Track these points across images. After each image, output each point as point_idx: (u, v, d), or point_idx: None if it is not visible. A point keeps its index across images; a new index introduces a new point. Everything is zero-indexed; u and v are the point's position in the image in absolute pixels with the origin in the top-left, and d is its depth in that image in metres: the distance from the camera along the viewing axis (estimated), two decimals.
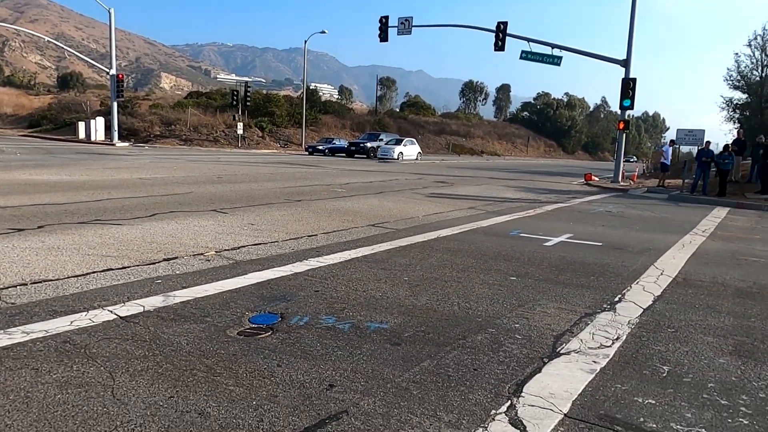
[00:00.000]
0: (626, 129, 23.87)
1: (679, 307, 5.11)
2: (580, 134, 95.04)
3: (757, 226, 11.55)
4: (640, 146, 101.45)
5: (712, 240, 9.20)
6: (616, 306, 5.03)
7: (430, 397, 3.09)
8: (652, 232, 9.74)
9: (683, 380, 3.50)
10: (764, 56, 36.61)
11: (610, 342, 4.10)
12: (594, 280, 5.95)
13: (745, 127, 32.45)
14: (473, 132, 77.38)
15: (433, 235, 8.18)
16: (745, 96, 39.71)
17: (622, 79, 22.95)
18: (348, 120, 62.36)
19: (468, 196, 14.63)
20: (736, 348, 4.12)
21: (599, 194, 18.38)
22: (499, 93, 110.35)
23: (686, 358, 3.87)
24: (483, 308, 4.75)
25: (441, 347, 3.82)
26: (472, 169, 31.26)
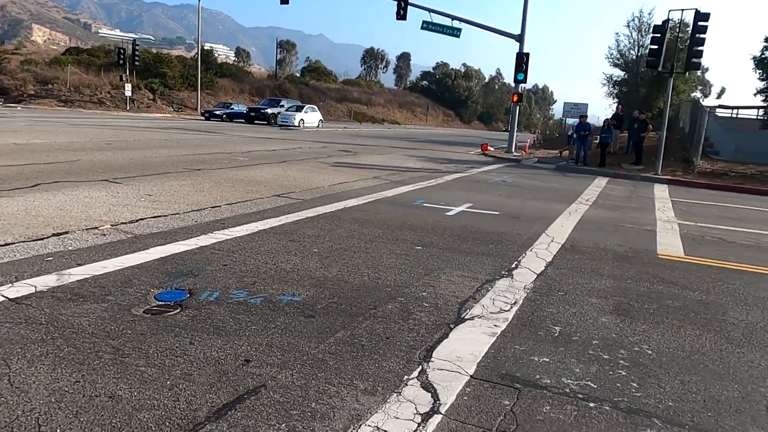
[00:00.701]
0: (520, 101, 25.05)
1: (567, 271, 5.59)
2: (477, 105, 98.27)
3: (632, 195, 12.74)
4: (531, 118, 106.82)
5: (595, 208, 10.04)
6: (513, 272, 5.40)
7: (346, 366, 3.20)
8: (543, 201, 10.45)
9: (572, 339, 3.87)
10: (640, 36, 39.65)
11: (508, 306, 4.42)
12: (493, 248, 6.32)
13: (623, 102, 35.18)
14: (375, 100, 77.56)
15: (339, 205, 8.24)
16: (624, 73, 42.96)
17: (517, 54, 23.94)
18: (247, 84, 60.05)
19: (372, 166, 14.79)
20: (615, 307, 4.61)
21: (495, 164, 19.29)
22: (400, 61, 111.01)
23: (574, 318, 4.28)
24: (392, 278, 4.92)
25: (354, 318, 3.93)
26: (375, 137, 31.49)
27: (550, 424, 2.78)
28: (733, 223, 9.61)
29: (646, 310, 4.59)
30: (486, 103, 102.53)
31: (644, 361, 3.61)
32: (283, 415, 2.65)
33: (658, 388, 3.25)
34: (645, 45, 34.14)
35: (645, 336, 4.03)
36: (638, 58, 37.97)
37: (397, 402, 2.87)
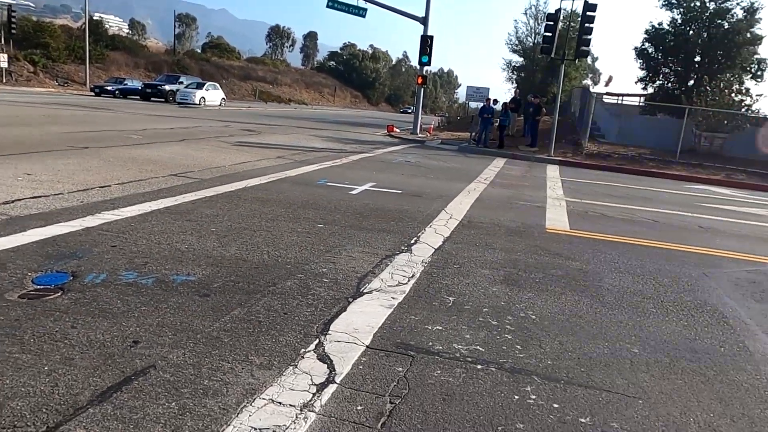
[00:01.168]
0: (425, 84, 25.52)
1: (463, 246, 5.84)
2: (384, 86, 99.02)
3: (527, 175, 13.47)
4: (437, 101, 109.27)
5: (492, 187, 10.52)
6: (413, 247, 5.56)
7: (242, 343, 3.17)
8: (445, 180, 10.79)
9: (464, 308, 4.07)
10: (537, 24, 41.66)
11: (406, 280, 4.56)
12: (394, 225, 6.46)
13: (521, 87, 36.90)
14: (281, 79, 75.88)
15: (241, 184, 8.04)
16: (522, 59, 45.02)
17: (421, 36, 24.31)
18: (142, 59, 56.54)
19: (276, 146, 14.52)
20: (505, 278, 4.88)
21: (400, 145, 19.60)
22: (307, 40, 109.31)
23: (467, 289, 4.49)
24: (292, 255, 4.90)
25: (251, 295, 3.89)
26: (281, 117, 30.87)
27: (440, 386, 2.92)
28: (614, 200, 10.45)
29: (532, 280, 4.91)
30: (393, 85, 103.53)
31: (528, 325, 3.88)
32: (174, 394, 2.58)
33: (539, 349, 3.51)
34: (541, 32, 35.85)
35: (530, 303, 4.32)
36: (535, 44, 39.88)
37: (293, 374, 2.89)
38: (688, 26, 24.70)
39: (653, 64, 25.96)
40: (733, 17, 24.18)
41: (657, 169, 17.40)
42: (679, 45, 24.71)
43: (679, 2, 24.78)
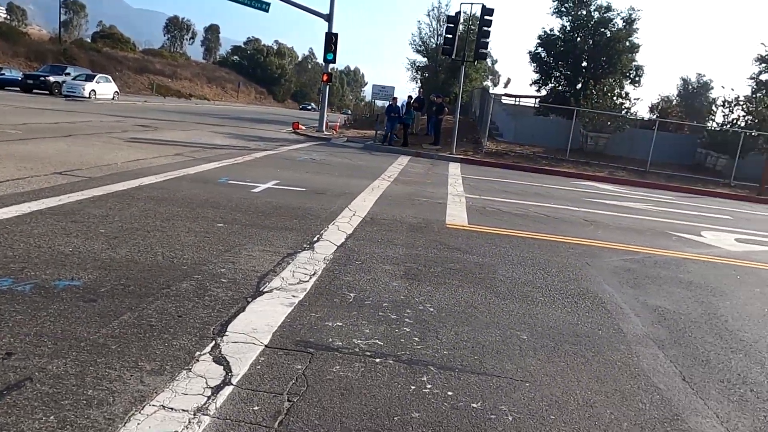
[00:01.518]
0: (330, 81, 25.46)
1: (365, 242, 5.91)
2: (290, 83, 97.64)
3: (430, 172, 13.85)
4: (343, 98, 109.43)
5: (395, 184, 10.72)
6: (315, 245, 5.55)
7: (131, 349, 3.02)
8: (349, 178, 10.84)
9: (365, 303, 4.13)
10: (439, 26, 42.84)
11: (308, 277, 4.55)
12: (297, 223, 6.41)
13: (424, 86, 37.80)
14: (180, 73, 72.58)
15: (134, 183, 7.63)
16: (425, 59, 46.12)
17: (326, 33, 24.23)
18: (22, 47, 51.80)
19: (175, 142, 13.90)
20: (405, 273, 5.01)
21: (305, 142, 19.43)
22: (208, 33, 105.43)
23: (368, 284, 4.56)
24: (189, 256, 4.73)
25: (143, 298, 3.71)
26: (180, 113, 29.55)
27: (339, 381, 2.95)
28: (510, 196, 11.01)
29: (432, 274, 5.07)
30: (300, 82, 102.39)
31: (427, 317, 4.00)
32: (52, 407, 2.42)
33: (436, 340, 3.64)
34: (443, 34, 36.96)
35: (429, 296, 4.46)
36: (437, 45, 40.98)
37: (187, 378, 2.80)
38: (576, 33, 26.49)
39: (546, 68, 27.61)
40: (614, 26, 26.25)
41: (549, 167, 18.52)
42: (568, 50, 26.44)
43: (568, 11, 26.52)
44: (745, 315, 5.06)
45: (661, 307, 4.95)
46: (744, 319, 4.93)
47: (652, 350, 3.96)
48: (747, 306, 5.35)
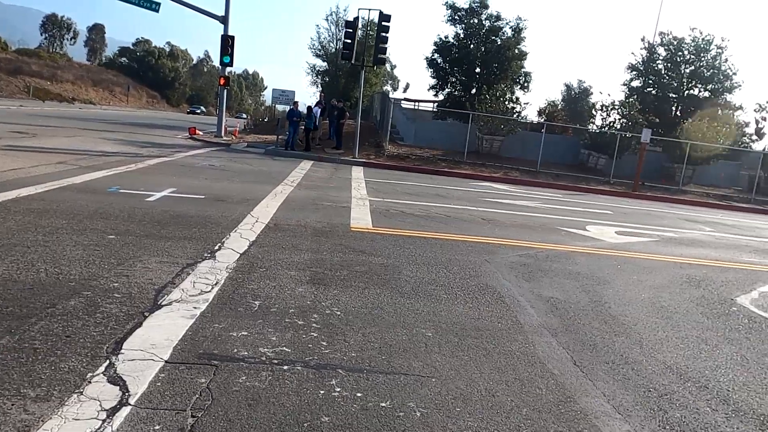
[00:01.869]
0: (227, 85, 24.73)
1: (270, 249, 5.81)
2: (185, 87, 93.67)
3: (333, 176, 13.86)
4: (242, 103, 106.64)
5: (299, 189, 10.62)
6: (217, 254, 5.37)
7: (11, 376, 2.76)
8: (251, 184, 10.59)
9: (271, 310, 4.06)
10: (338, 30, 43.00)
11: (210, 287, 4.39)
12: (197, 232, 6.17)
13: (325, 91, 37.75)
14: (62, 75, 67.22)
15: (10, 195, 6.98)
16: (325, 64, 46.10)
17: (222, 36, 23.53)
18: None
19: (57, 150, 12.87)
20: (311, 277, 4.98)
21: (203, 148, 18.74)
22: (92, 33, 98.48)
23: (274, 291, 4.48)
24: (77, 271, 4.40)
25: (25, 320, 3.41)
26: (62, 118, 27.39)
27: (245, 392, 2.88)
28: (412, 198, 11.28)
29: (338, 277, 5.08)
30: (195, 85, 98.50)
31: (334, 321, 4.01)
32: None
33: (344, 343, 3.65)
34: (342, 39, 37.17)
35: (335, 299, 4.47)
36: (337, 50, 41.09)
37: (78, 402, 2.61)
38: (470, 41, 27.64)
39: (442, 74, 28.55)
40: (504, 35, 27.69)
41: (449, 169, 19.18)
42: (462, 57, 27.53)
43: (461, 19, 27.61)
44: (625, 301, 5.53)
45: (554, 298, 5.29)
46: (624, 305, 5.38)
47: (546, 339, 4.22)
48: (627, 292, 5.85)
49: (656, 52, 29.97)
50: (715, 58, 28.59)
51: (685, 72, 28.98)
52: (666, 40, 29.73)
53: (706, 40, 28.66)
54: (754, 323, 5.30)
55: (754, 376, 4.00)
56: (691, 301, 5.82)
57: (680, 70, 28.99)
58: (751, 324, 5.26)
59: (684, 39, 29.12)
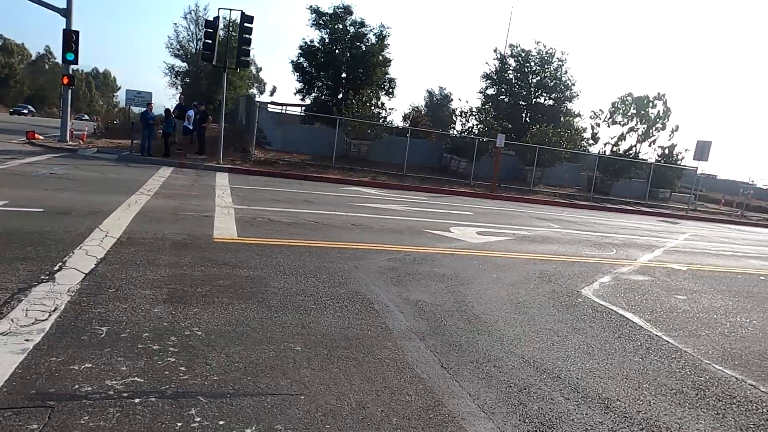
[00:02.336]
0: (72, 84, 22.45)
1: (121, 266, 5.30)
2: (22, 85, 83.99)
3: (195, 184, 13.12)
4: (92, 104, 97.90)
5: (157, 198, 9.89)
6: (56, 275, 4.78)
7: None
8: (101, 194, 9.67)
9: (121, 337, 3.68)
10: (198, 30, 41.10)
11: (46, 315, 3.88)
12: (32, 251, 5.46)
13: (186, 93, 35.85)
14: None
15: None
16: (185, 65, 43.82)
17: (64, 31, 21.34)
18: None
19: None
20: (169, 296, 4.61)
21: (45, 154, 16.84)
22: None
23: (125, 314, 4.07)
24: None
25: None
26: None
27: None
28: (280, 205, 11.02)
29: (199, 294, 4.76)
30: (35, 84, 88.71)
31: (194, 343, 3.73)
32: None
33: (205, 367, 3.40)
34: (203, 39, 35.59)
35: (196, 319, 4.17)
36: (197, 50, 39.29)
37: None
38: (335, 46, 27.80)
39: (309, 78, 28.42)
40: (368, 41, 28.21)
41: (318, 174, 19.09)
42: (328, 62, 27.60)
43: (326, 24, 27.68)
44: (486, 299, 5.82)
45: (421, 301, 5.41)
46: (486, 303, 5.66)
47: (414, 343, 4.28)
48: (487, 291, 6.16)
49: (507, 62, 32.38)
50: (557, 69, 31.57)
51: (533, 82, 31.65)
52: (515, 52, 32.25)
53: (549, 53, 31.56)
54: (597, 312, 5.84)
55: (599, 363, 4.38)
56: (543, 295, 6.28)
57: (528, 79, 31.61)
58: (594, 313, 5.79)
59: (531, 51, 31.81)
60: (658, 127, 32.40)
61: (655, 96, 32.29)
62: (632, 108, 32.49)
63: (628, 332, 5.28)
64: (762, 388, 4.26)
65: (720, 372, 4.50)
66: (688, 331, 5.57)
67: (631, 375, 4.21)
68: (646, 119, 32.25)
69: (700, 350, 5.01)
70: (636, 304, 6.40)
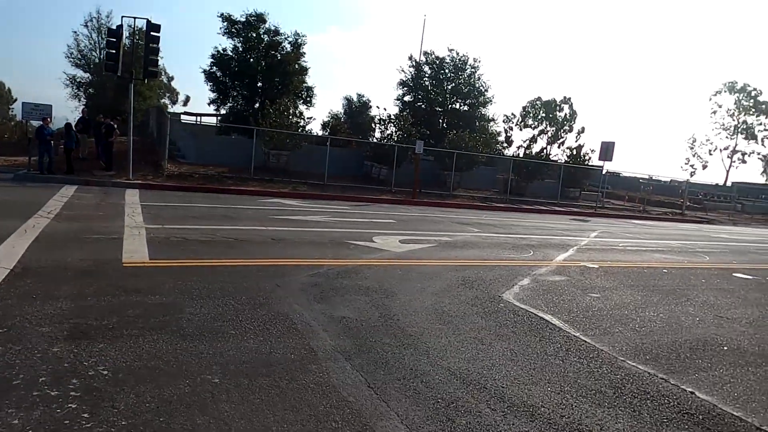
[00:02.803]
0: None
1: (14, 301, 4.82)
2: None
3: (102, 203, 12.32)
4: None
5: (58, 221, 9.18)
6: None
7: None
8: None
9: (13, 383, 3.32)
10: (101, 38, 38.98)
11: None
12: None
13: (89, 105, 33.85)
14: None
15: None
16: (88, 75, 41.41)
17: None
18: None
19: None
20: (71, 332, 4.23)
21: None
22: None
23: (18, 357, 3.69)
24: None
25: None
26: None
27: None
28: (197, 222, 10.55)
29: (105, 327, 4.40)
30: None
31: (99, 384, 3.42)
32: None
33: (111, 411, 3.12)
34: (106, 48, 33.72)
35: (102, 356, 3.84)
36: (101, 60, 37.24)
37: None
38: (249, 54, 27.20)
39: (223, 87, 27.63)
40: (283, 50, 27.84)
41: (236, 187, 18.54)
42: (243, 71, 26.97)
43: (239, 32, 27.04)
44: (412, 311, 5.80)
45: (346, 318, 5.30)
46: (411, 315, 5.63)
47: (340, 363, 4.17)
48: (412, 302, 6.15)
49: (423, 69, 33.03)
50: (471, 76, 32.58)
51: (448, 88, 32.49)
52: (430, 59, 32.98)
53: (462, 60, 32.53)
54: (518, 316, 5.97)
55: (522, 369, 4.45)
56: (467, 302, 6.35)
57: (443, 86, 32.41)
58: (515, 318, 5.91)
59: (445, 58, 32.63)
60: (565, 129, 34.23)
61: (562, 100, 34.08)
62: (542, 111, 34.12)
63: (549, 335, 5.43)
64: (672, 381, 4.48)
65: (634, 368, 4.71)
66: (602, 329, 5.81)
67: (554, 379, 4.30)
68: (555, 122, 33.96)
69: (615, 348, 5.22)
70: (554, 305, 6.62)
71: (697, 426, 3.72)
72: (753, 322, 6.79)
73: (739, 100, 60.84)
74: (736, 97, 60.96)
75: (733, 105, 61.13)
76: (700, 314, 6.89)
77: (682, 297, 7.81)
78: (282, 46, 27.80)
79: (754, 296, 8.47)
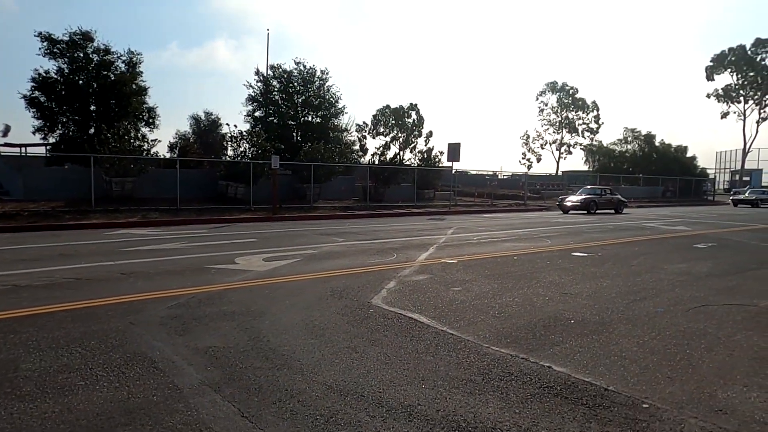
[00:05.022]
0: None
1: None
2: None
3: None
4: None
5: None
6: None
7: None
8: None
9: None
10: None
11: None
12: None
13: None
14: None
15: None
16: None
17: None
18: None
19: None
20: None
21: None
22: None
23: None
24: None
25: None
26: None
27: None
28: (29, 265, 9.37)
29: None
30: None
31: None
32: None
33: None
34: None
35: None
36: None
37: None
38: (77, 76, 24.91)
39: (49, 114, 24.97)
40: (117, 70, 25.88)
41: (75, 221, 16.82)
42: (72, 94, 24.62)
43: (62, 52, 24.65)
44: (282, 329, 5.64)
45: (212, 347, 5.00)
46: (281, 334, 5.47)
47: (209, 397, 3.91)
48: (282, 320, 5.98)
49: (271, 83, 32.65)
50: (320, 88, 32.83)
51: (299, 101, 32.43)
52: (278, 73, 32.69)
53: (310, 73, 32.69)
54: (388, 320, 6.07)
55: (397, 371, 4.52)
56: (337, 313, 6.32)
57: (294, 99, 32.30)
58: (386, 321, 6.00)
59: (293, 72, 32.55)
60: (415, 134, 35.87)
61: (409, 106, 35.69)
62: (391, 119, 35.41)
63: (418, 333, 5.58)
64: (531, 359, 4.83)
65: (498, 353, 5.00)
66: (467, 320, 6.11)
67: (427, 375, 4.42)
68: (405, 128, 35.43)
69: (479, 336, 5.51)
70: (420, 303, 6.84)
71: (557, 397, 4.03)
72: (592, 294, 7.57)
73: (561, 98, 68.60)
74: (558, 95, 68.66)
75: (555, 103, 68.71)
76: (548, 293, 7.53)
77: (533, 279, 8.51)
78: (115, 66, 25.85)
79: (591, 271, 9.47)
